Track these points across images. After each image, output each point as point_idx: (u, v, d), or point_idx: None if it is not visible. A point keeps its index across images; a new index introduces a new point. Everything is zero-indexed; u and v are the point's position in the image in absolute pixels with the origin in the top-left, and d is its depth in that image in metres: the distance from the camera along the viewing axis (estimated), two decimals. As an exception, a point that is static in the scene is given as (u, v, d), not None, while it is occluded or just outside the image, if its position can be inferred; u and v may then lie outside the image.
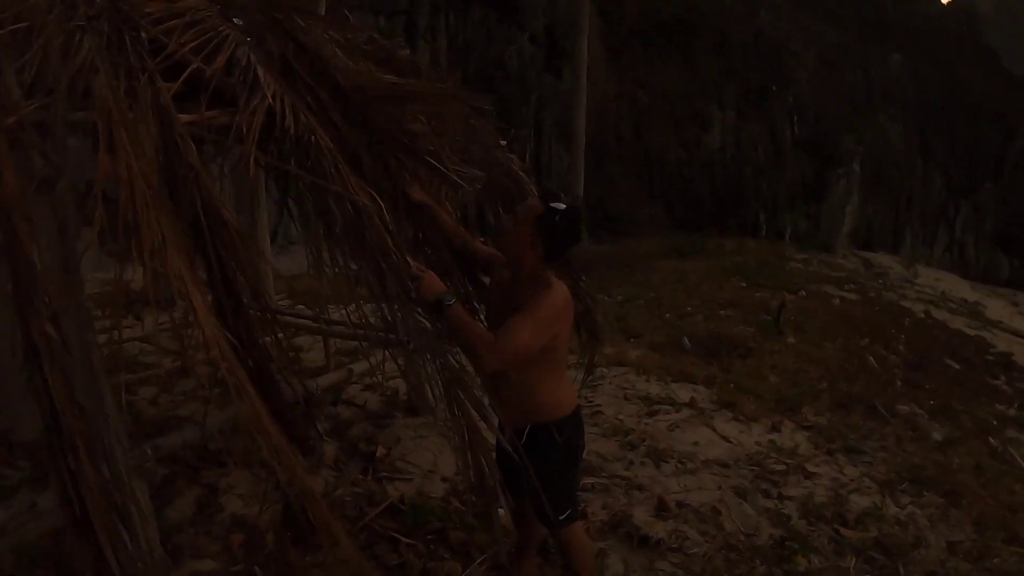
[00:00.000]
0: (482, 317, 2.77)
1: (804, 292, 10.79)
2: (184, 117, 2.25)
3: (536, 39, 15.94)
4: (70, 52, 2.34)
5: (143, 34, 2.60)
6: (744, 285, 10.71)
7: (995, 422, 6.58)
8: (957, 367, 8.53)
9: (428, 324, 2.37)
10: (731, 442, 4.80)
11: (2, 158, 1.86)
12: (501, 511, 2.89)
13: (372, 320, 2.47)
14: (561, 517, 2.69)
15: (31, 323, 1.51)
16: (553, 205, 2.45)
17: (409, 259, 2.38)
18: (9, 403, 4.53)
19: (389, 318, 2.34)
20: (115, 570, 1.55)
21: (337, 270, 2.41)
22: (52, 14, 2.45)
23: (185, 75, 2.52)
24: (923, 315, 11.19)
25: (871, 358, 7.64)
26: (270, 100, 2.38)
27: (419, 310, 2.36)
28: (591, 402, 5.31)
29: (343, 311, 2.59)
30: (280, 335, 2.38)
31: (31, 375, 1.62)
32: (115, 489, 1.55)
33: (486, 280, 3.06)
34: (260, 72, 2.57)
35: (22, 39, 2.36)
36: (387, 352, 2.74)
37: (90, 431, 1.51)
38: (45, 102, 2.11)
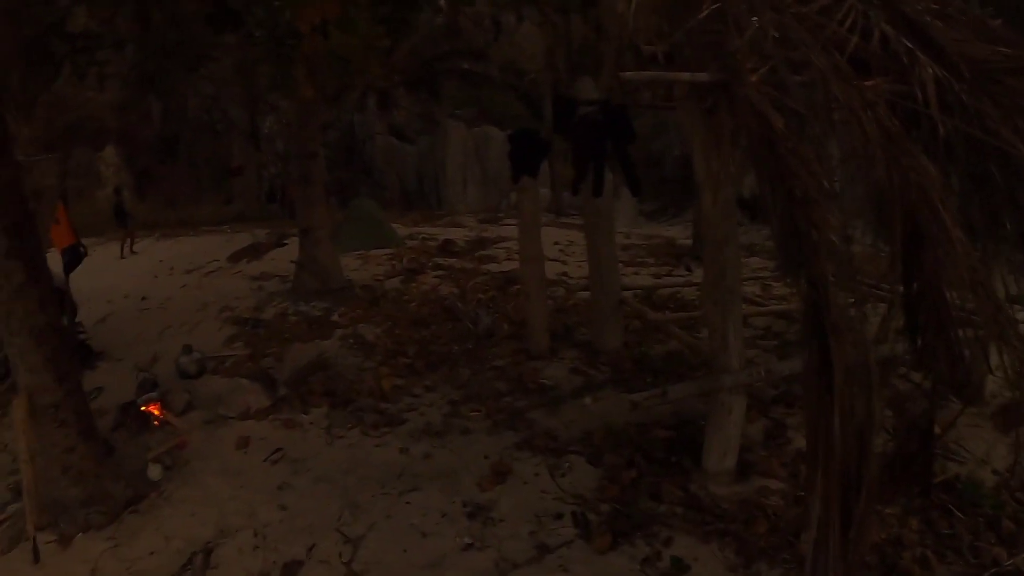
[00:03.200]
0: None
1: None
2: (867, 84, 2.79)
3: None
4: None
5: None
6: None
7: None
8: None
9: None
10: None
11: (762, 102, 2.63)
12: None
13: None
14: None
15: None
16: None
17: None
18: (597, 320, 5.95)
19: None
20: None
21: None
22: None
23: (850, 49, 3.05)
24: None
25: None
26: (936, 71, 2.75)
27: None
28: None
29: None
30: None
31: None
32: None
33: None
34: (911, 46, 2.98)
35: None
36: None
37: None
38: (770, 66, 2.85)
